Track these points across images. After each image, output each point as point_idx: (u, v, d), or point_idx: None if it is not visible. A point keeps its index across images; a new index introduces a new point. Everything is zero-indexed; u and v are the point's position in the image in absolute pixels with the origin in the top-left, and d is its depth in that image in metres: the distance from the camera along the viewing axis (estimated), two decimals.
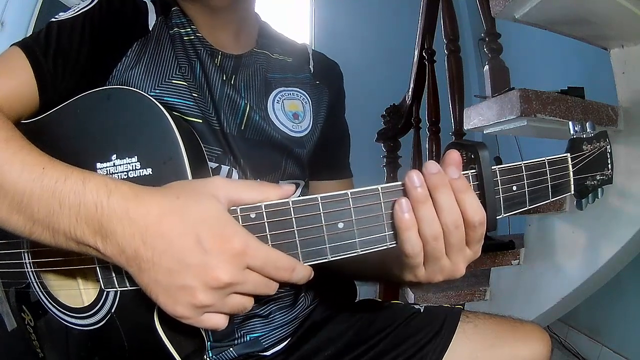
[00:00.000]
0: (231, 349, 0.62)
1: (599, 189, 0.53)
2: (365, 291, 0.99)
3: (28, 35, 0.55)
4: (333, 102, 0.72)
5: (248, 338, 0.63)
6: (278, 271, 0.38)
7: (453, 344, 0.61)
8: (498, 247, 1.47)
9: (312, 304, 0.71)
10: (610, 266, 1.23)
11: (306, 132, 0.66)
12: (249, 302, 0.39)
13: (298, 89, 0.68)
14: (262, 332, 0.64)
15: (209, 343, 0.60)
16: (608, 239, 1.21)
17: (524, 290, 1.45)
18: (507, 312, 0.70)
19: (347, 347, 0.64)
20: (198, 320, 0.38)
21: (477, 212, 0.41)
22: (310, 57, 0.74)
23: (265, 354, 0.64)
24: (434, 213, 0.40)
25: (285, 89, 0.67)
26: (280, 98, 0.65)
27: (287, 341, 0.67)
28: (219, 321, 0.39)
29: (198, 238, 0.36)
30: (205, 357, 0.50)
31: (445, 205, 0.40)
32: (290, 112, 0.65)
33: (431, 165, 0.40)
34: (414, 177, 0.40)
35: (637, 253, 1.25)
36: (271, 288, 0.39)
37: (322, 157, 0.69)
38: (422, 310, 0.67)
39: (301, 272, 0.39)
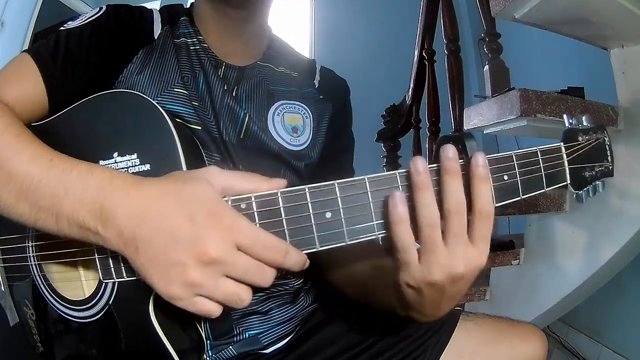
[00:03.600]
0: (230, 347, 0.62)
1: (600, 181, 0.52)
2: None
3: (28, 35, 0.57)
4: (336, 117, 0.72)
5: (247, 335, 0.63)
6: (268, 252, 0.38)
7: (455, 339, 0.62)
8: (498, 247, 1.47)
9: (312, 304, 0.72)
10: (610, 266, 1.24)
11: (304, 146, 0.66)
12: (244, 293, 0.39)
13: (300, 103, 0.69)
14: (261, 329, 0.64)
15: (208, 342, 0.60)
16: (608, 239, 1.21)
17: (524, 290, 1.45)
18: (507, 312, 0.71)
19: (348, 346, 0.64)
20: (191, 302, 0.38)
21: (488, 203, 0.40)
22: (317, 72, 0.75)
23: (264, 351, 0.64)
24: (433, 199, 0.40)
25: (287, 102, 0.67)
26: (281, 111, 0.66)
27: (287, 339, 0.67)
28: (212, 308, 0.39)
29: (191, 215, 0.37)
30: (204, 356, 0.50)
31: (452, 189, 0.39)
32: (289, 126, 0.66)
33: (449, 150, 0.40)
34: (419, 163, 0.39)
35: (637, 253, 1.25)
36: (265, 275, 0.39)
37: (323, 169, 0.70)
38: None
39: (294, 256, 0.39)
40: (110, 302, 0.46)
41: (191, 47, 0.62)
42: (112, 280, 0.44)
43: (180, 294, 0.38)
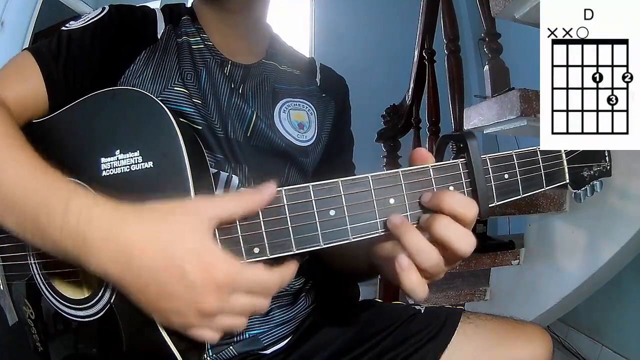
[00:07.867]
0: (231, 347, 0.62)
1: (597, 181, 0.53)
2: (365, 292, 0.99)
3: (28, 35, 0.56)
4: (338, 115, 0.73)
5: (247, 335, 0.63)
6: (265, 290, 0.40)
7: (453, 344, 0.61)
8: (498, 247, 1.47)
9: (312, 304, 0.71)
10: (610, 266, 1.23)
11: (311, 142, 0.67)
12: (240, 322, 0.41)
13: (304, 100, 0.69)
14: (261, 329, 0.64)
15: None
16: (608, 239, 1.21)
17: (524, 290, 1.45)
18: (507, 312, 0.70)
19: (347, 346, 0.64)
20: (190, 332, 0.40)
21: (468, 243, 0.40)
22: (318, 70, 0.75)
23: (265, 352, 0.64)
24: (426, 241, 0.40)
25: (292, 99, 0.68)
26: (286, 108, 0.66)
27: (287, 340, 0.67)
28: (212, 336, 0.40)
29: (182, 271, 0.36)
30: (205, 356, 0.50)
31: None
32: (295, 122, 0.66)
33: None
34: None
35: (637, 253, 1.25)
36: (262, 308, 0.41)
37: (326, 165, 0.70)
38: (422, 311, 0.67)
39: (287, 279, 0.41)
40: (112, 301, 0.45)
41: (193, 46, 0.62)
42: None
43: (179, 329, 0.40)
